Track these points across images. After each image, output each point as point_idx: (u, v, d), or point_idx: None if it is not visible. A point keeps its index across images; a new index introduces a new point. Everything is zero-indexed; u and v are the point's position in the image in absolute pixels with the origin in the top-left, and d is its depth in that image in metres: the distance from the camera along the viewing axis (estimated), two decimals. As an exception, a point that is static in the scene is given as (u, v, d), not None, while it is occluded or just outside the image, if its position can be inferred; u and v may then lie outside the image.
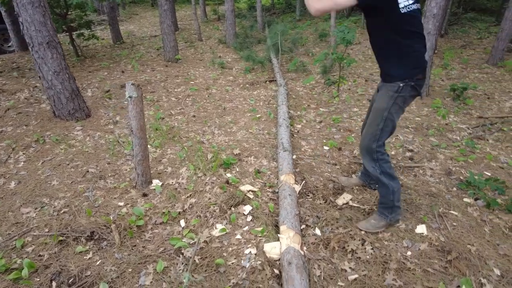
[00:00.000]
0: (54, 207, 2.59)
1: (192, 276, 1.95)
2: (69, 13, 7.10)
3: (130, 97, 2.42)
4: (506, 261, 2.04)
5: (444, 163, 3.23)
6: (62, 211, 2.54)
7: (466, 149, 3.49)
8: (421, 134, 3.88)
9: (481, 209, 2.52)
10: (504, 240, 2.22)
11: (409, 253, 2.11)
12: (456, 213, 2.47)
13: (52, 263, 2.08)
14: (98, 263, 2.08)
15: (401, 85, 1.95)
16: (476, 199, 2.64)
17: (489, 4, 13.18)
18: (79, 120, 4.17)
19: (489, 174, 3.02)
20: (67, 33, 7.14)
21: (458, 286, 1.86)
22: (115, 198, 2.71)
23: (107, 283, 1.91)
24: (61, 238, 2.25)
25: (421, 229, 2.29)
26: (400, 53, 1.94)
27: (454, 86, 4.94)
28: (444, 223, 2.36)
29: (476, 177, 2.81)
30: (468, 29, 10.15)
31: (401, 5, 1.81)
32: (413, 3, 1.84)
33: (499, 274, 1.95)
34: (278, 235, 2.15)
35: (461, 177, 2.96)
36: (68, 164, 3.20)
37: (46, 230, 2.35)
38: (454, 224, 2.36)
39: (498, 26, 7.17)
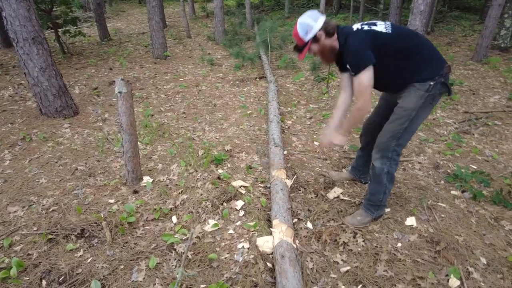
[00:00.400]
0: (43, 205, 2.55)
1: (185, 271, 1.95)
2: (54, 9, 6.95)
3: (120, 92, 2.39)
4: (492, 250, 2.10)
5: (432, 157, 3.29)
6: (51, 209, 2.50)
7: (453, 143, 3.57)
8: (409, 129, 3.94)
9: (467, 201, 2.59)
10: (489, 230, 2.28)
11: (399, 244, 2.15)
12: (444, 205, 2.52)
13: (41, 262, 2.04)
14: (89, 260, 2.05)
15: (432, 83, 1.88)
16: (463, 192, 2.71)
17: (473, 2, 13.47)
18: (67, 117, 4.10)
19: (475, 167, 3.10)
20: (53, 30, 6.99)
21: (447, 275, 1.91)
22: (105, 195, 2.67)
23: (99, 280, 1.89)
24: (50, 236, 2.21)
25: (410, 221, 2.33)
26: (418, 63, 1.91)
27: (441, 82, 5.02)
28: (433, 215, 2.41)
29: (462, 170, 2.88)
30: (453, 26, 10.35)
31: (383, 32, 1.87)
32: (387, 26, 1.90)
33: (485, 262, 2.01)
34: (271, 229, 2.16)
35: (449, 171, 3.03)
36: (56, 162, 3.14)
37: (35, 228, 2.30)
38: (442, 215, 2.41)
39: (482, 24, 7.33)
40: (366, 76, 1.85)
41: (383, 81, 1.97)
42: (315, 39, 1.95)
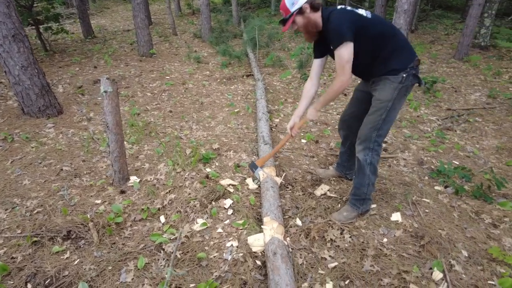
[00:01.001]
0: (27, 207, 2.49)
1: (174, 270, 1.94)
2: (35, 5, 6.77)
3: (105, 91, 2.35)
4: (473, 243, 2.17)
5: (416, 153, 3.37)
6: (35, 211, 2.45)
7: (436, 140, 3.66)
8: (395, 126, 4.02)
9: (450, 196, 2.66)
10: (470, 223, 2.36)
11: (385, 239, 2.20)
12: (428, 201, 2.59)
13: (26, 265, 2.00)
14: (76, 262, 2.03)
15: (404, 75, 1.99)
16: (446, 187, 2.78)
17: (455, 1, 13.78)
18: (51, 117, 4.01)
19: (457, 163, 3.19)
20: (34, 27, 6.81)
21: (431, 268, 1.97)
22: (91, 196, 2.64)
23: (87, 282, 1.87)
24: (35, 239, 2.17)
25: (396, 216, 2.39)
26: (392, 50, 2.00)
27: (425, 79, 5.14)
28: (417, 210, 2.47)
29: (446, 166, 2.96)
30: (436, 25, 10.57)
31: (363, 15, 1.97)
32: (367, 13, 2.00)
33: (466, 255, 2.07)
34: (262, 226, 2.18)
35: (432, 166, 3.11)
36: (40, 163, 3.08)
37: (19, 231, 2.25)
38: (427, 210, 2.48)
39: (463, 23, 7.51)
40: (347, 51, 1.90)
41: (359, 66, 2.03)
42: (301, 11, 1.99)
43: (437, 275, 1.91)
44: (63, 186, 2.74)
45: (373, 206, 2.50)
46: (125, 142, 3.20)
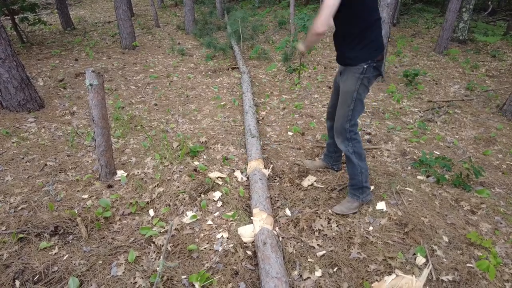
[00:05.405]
0: (10, 203, 2.44)
1: (166, 263, 1.95)
2: (10, -6, 6.50)
3: (90, 85, 2.31)
4: (453, 229, 2.28)
5: (399, 144, 3.46)
6: (20, 208, 2.39)
7: (418, 131, 3.77)
8: (378, 118, 4.12)
9: (432, 185, 2.77)
10: (451, 211, 2.46)
11: (371, 228, 2.27)
12: (411, 190, 2.68)
13: (13, 262, 1.97)
14: (65, 258, 2.01)
15: (365, 66, 2.08)
16: (427, 176, 2.89)
17: (435, -5, 14.05)
18: (32, 111, 3.89)
19: (438, 153, 3.30)
20: (8, 17, 6.54)
21: (414, 254, 2.05)
22: (78, 191, 2.60)
23: (77, 277, 1.86)
24: (21, 235, 2.13)
25: (381, 205, 2.47)
26: (365, 39, 2.07)
27: (407, 72, 5.26)
28: (401, 199, 2.56)
29: (427, 156, 3.06)
30: (417, 19, 10.78)
31: None
32: None
33: (447, 240, 2.17)
34: (252, 217, 2.21)
35: (415, 157, 3.21)
36: (22, 158, 3.00)
37: (3, 228, 2.21)
38: (410, 199, 2.57)
39: (443, 17, 7.69)
40: None
41: (339, 31, 2.09)
42: None
43: (420, 260, 2.00)
44: (48, 181, 2.69)
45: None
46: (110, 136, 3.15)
